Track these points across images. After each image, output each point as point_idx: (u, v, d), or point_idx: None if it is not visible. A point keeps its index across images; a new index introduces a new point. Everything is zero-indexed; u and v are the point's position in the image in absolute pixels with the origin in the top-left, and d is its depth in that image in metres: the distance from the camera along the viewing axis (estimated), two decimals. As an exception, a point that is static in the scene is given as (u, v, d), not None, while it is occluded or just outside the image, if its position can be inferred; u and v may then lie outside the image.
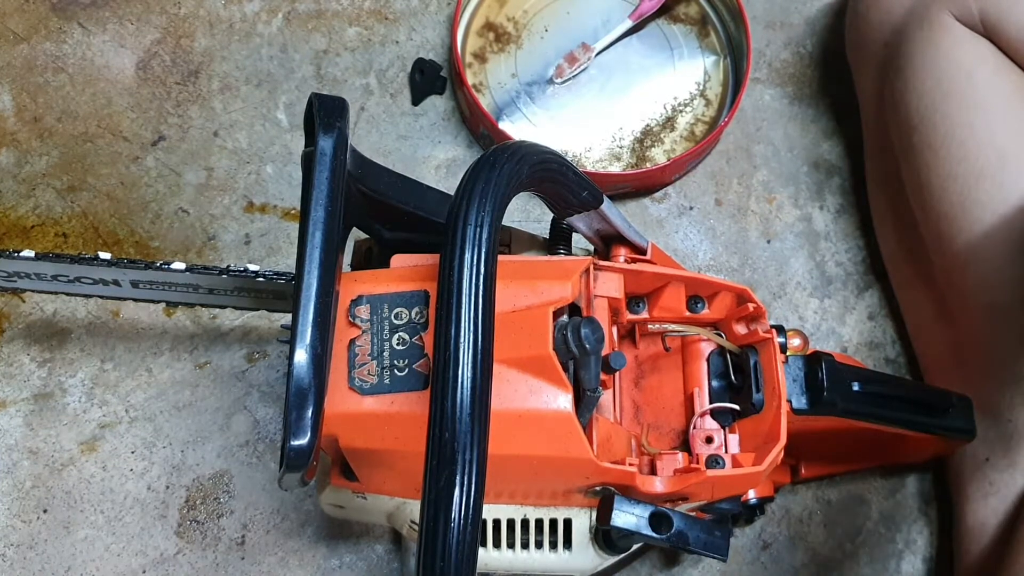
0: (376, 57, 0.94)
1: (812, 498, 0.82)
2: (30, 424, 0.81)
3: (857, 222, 0.91)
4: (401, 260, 0.53)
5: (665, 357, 0.61)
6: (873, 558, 0.81)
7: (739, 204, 0.91)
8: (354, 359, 0.49)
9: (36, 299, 0.84)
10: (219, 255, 0.87)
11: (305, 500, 0.79)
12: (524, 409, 0.47)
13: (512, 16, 0.93)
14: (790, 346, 0.59)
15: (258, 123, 0.92)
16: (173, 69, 0.93)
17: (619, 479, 0.52)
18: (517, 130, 0.89)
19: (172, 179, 0.89)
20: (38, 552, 0.77)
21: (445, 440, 0.38)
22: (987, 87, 0.69)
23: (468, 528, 0.37)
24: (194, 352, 0.83)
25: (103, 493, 0.79)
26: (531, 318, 0.48)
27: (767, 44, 0.97)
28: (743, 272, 0.89)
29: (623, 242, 0.59)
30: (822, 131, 0.94)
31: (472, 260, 0.40)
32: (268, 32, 0.95)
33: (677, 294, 0.59)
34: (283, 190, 0.89)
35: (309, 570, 0.78)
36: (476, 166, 0.43)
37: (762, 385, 0.56)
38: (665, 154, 0.89)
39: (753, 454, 0.55)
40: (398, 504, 0.58)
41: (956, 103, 0.70)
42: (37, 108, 0.91)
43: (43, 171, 0.89)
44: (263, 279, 0.65)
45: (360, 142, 0.91)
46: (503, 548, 0.57)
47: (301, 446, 0.43)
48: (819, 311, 0.88)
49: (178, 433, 0.81)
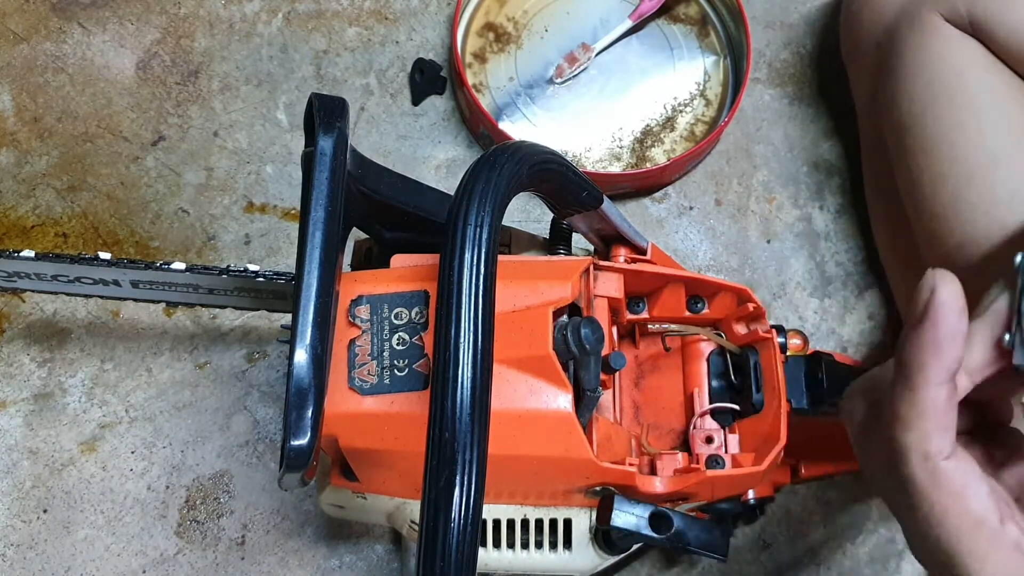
0: (376, 57, 0.94)
1: (812, 498, 0.82)
2: (30, 424, 0.81)
3: (857, 222, 0.91)
4: (401, 260, 0.53)
5: (665, 357, 0.61)
6: (873, 558, 0.81)
7: (739, 204, 0.91)
8: (354, 359, 0.49)
9: (36, 299, 0.84)
10: (219, 255, 0.87)
11: (305, 500, 0.79)
12: (524, 409, 0.47)
13: (512, 16, 0.93)
14: (790, 346, 0.59)
15: (258, 123, 0.92)
16: (173, 69, 0.93)
17: (619, 479, 0.52)
18: (517, 130, 0.89)
19: (172, 179, 0.89)
20: (38, 552, 0.77)
21: (445, 440, 0.38)
22: (978, 88, 0.69)
23: (468, 528, 0.37)
24: (194, 352, 0.83)
25: (103, 493, 0.79)
26: (531, 318, 0.48)
27: (767, 44, 0.97)
28: (743, 272, 0.89)
29: (623, 242, 0.59)
30: (822, 131, 0.94)
31: (472, 260, 0.40)
32: (268, 32, 0.95)
33: (677, 294, 0.59)
34: (283, 190, 0.89)
35: (309, 570, 0.78)
36: (476, 166, 0.43)
37: (762, 385, 0.56)
38: (665, 154, 0.89)
39: (753, 454, 0.55)
40: (398, 504, 0.58)
41: (947, 104, 0.70)
42: (37, 108, 0.91)
43: (43, 171, 0.89)
44: (263, 279, 0.65)
45: (360, 142, 0.91)
46: (503, 548, 0.57)
47: (301, 446, 0.43)
48: (819, 311, 0.88)
49: (178, 433, 0.81)
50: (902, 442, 0.37)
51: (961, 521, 0.36)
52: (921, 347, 0.36)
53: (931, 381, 0.35)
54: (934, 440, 0.36)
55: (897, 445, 0.37)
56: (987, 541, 0.36)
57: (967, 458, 0.37)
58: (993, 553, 0.36)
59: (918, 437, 0.36)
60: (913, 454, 0.36)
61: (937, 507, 0.36)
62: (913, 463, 0.36)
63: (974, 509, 0.36)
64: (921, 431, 0.36)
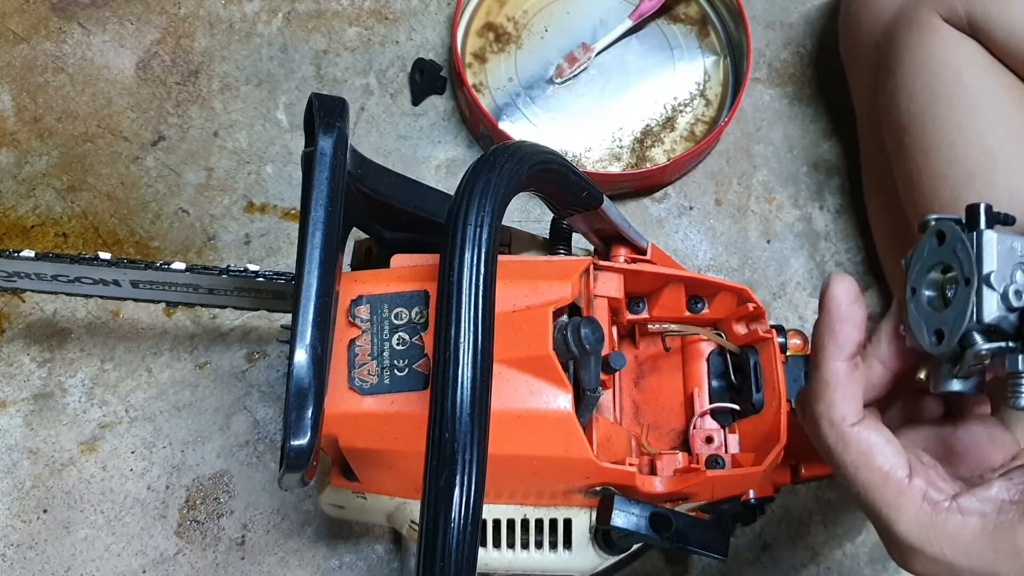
0: (376, 57, 0.94)
1: (812, 498, 0.82)
2: (30, 424, 0.81)
3: (857, 222, 0.91)
4: (401, 260, 0.53)
5: (665, 357, 0.61)
6: (872, 558, 0.81)
7: (739, 204, 0.91)
8: (354, 359, 0.49)
9: (36, 299, 0.84)
10: (219, 255, 0.87)
11: (305, 500, 0.79)
12: (524, 409, 0.47)
13: (512, 16, 0.93)
14: (790, 346, 0.59)
15: (258, 123, 0.92)
16: (173, 69, 0.93)
17: (619, 479, 0.52)
18: (517, 130, 0.89)
19: (172, 179, 0.89)
20: (38, 552, 0.77)
21: (445, 440, 0.38)
22: (976, 88, 0.69)
23: (468, 528, 0.37)
24: (194, 352, 0.83)
25: (103, 493, 0.79)
26: (531, 318, 0.48)
27: (767, 44, 0.97)
28: (743, 272, 0.89)
29: (623, 242, 0.59)
30: (822, 131, 0.94)
31: (472, 260, 0.40)
32: (268, 32, 0.95)
33: (677, 294, 0.59)
34: (283, 190, 0.89)
35: (309, 570, 0.78)
36: (476, 166, 0.43)
37: (762, 385, 0.56)
38: (665, 154, 0.89)
39: (753, 454, 0.55)
40: (398, 504, 0.58)
41: (946, 104, 0.70)
42: (37, 108, 0.91)
43: (43, 171, 0.89)
44: (263, 279, 0.65)
45: (360, 142, 0.91)
46: (503, 548, 0.57)
47: (301, 446, 0.43)
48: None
49: (178, 433, 0.81)
50: (814, 411, 0.43)
51: (870, 475, 0.41)
52: (820, 333, 0.42)
53: (830, 358, 0.42)
54: (838, 407, 0.42)
55: (811, 414, 0.43)
56: (896, 494, 0.41)
57: (875, 423, 0.42)
58: (904, 503, 0.40)
59: (825, 406, 0.42)
60: (823, 420, 0.42)
61: (849, 466, 0.42)
62: (823, 428, 0.42)
63: (880, 465, 0.41)
64: (827, 400, 0.42)
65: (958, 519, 0.40)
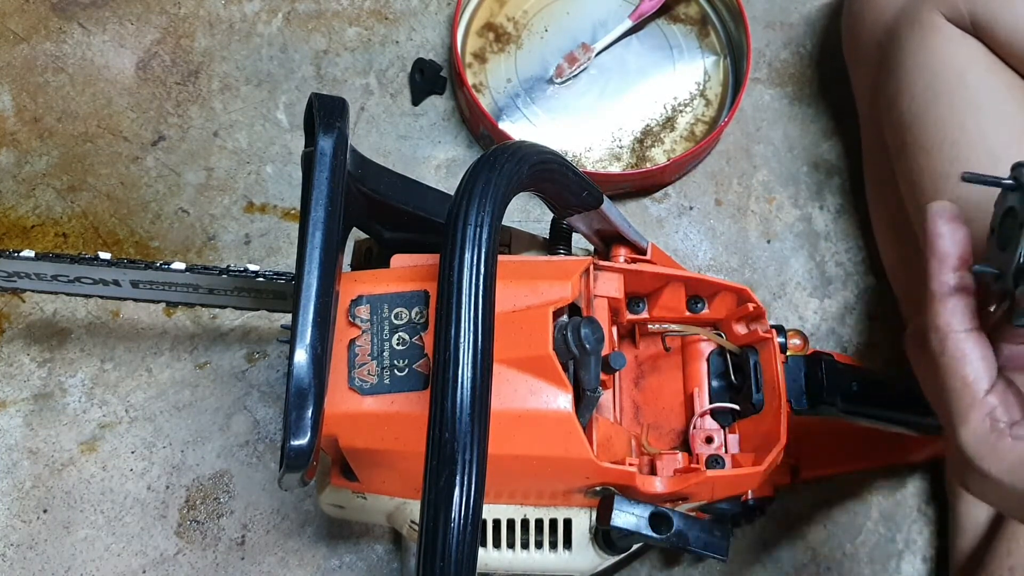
0: (376, 57, 0.94)
1: (812, 498, 0.82)
2: (30, 424, 0.81)
3: (857, 222, 0.91)
4: (401, 260, 0.53)
5: (665, 357, 0.61)
6: (873, 558, 0.81)
7: (739, 204, 0.91)
8: (354, 359, 0.49)
9: (36, 299, 0.84)
10: (219, 255, 0.87)
11: (305, 500, 0.79)
12: (524, 409, 0.47)
13: (512, 16, 0.93)
14: (790, 346, 0.59)
15: (258, 123, 0.92)
16: (173, 69, 0.93)
17: (619, 479, 0.52)
18: (517, 130, 0.89)
19: (172, 179, 0.89)
20: (38, 552, 0.77)
21: (445, 440, 0.38)
22: (979, 87, 0.69)
23: (468, 528, 0.37)
24: (194, 352, 0.83)
25: (103, 493, 0.79)
26: (531, 318, 0.48)
27: (767, 44, 0.97)
28: (743, 272, 0.89)
29: (623, 242, 0.59)
30: (822, 131, 0.94)
31: (472, 260, 0.40)
32: (268, 32, 0.95)
33: (677, 294, 0.59)
34: (283, 190, 0.89)
35: (309, 570, 0.78)
36: (476, 166, 0.43)
37: (762, 385, 0.56)
38: (665, 154, 0.89)
39: (753, 454, 0.55)
40: (398, 504, 0.58)
41: (948, 104, 0.70)
42: (37, 108, 0.91)
43: (43, 171, 0.89)
44: (263, 279, 0.65)
45: (360, 142, 0.91)
46: (503, 548, 0.57)
47: (301, 446, 0.43)
48: (819, 311, 0.88)
49: (178, 433, 0.81)
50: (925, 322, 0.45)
51: (953, 381, 0.43)
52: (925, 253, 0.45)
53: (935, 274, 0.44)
54: (943, 316, 0.44)
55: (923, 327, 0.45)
56: (968, 404, 0.43)
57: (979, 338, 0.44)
58: (972, 413, 0.43)
59: (932, 316, 0.44)
60: (930, 329, 0.45)
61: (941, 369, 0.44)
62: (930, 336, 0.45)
63: (966, 374, 0.43)
64: (934, 311, 0.44)
65: (1008, 442, 0.42)
